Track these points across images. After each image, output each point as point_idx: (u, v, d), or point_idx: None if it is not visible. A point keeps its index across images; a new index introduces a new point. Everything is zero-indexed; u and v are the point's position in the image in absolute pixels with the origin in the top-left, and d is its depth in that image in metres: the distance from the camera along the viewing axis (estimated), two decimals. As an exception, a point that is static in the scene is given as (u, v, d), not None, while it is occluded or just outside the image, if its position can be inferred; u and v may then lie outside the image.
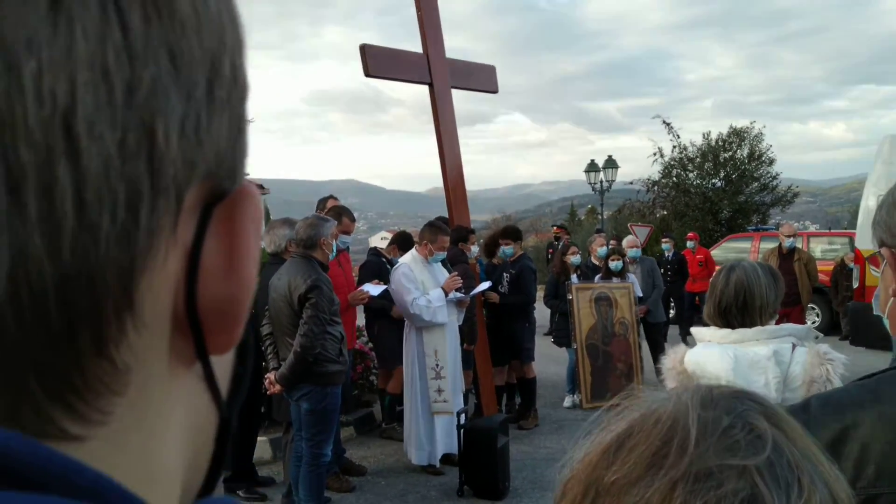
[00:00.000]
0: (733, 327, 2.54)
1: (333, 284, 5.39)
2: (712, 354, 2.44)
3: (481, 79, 8.18)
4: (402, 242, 7.64)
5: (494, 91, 8.31)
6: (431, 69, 7.50)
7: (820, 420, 1.20)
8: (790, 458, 0.57)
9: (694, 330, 2.70)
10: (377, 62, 7.07)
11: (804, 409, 1.25)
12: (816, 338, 2.57)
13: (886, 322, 1.32)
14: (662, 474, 0.57)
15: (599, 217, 25.18)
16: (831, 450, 1.16)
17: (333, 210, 6.35)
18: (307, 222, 4.84)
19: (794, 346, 2.50)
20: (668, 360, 2.60)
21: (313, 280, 4.58)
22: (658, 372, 2.73)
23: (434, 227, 6.35)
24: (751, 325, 2.53)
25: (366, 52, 7.00)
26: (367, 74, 7.09)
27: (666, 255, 12.10)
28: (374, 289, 6.28)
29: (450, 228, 6.99)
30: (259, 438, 6.58)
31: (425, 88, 7.51)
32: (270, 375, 4.87)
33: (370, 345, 8.09)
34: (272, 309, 4.83)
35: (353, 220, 6.40)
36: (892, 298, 1.24)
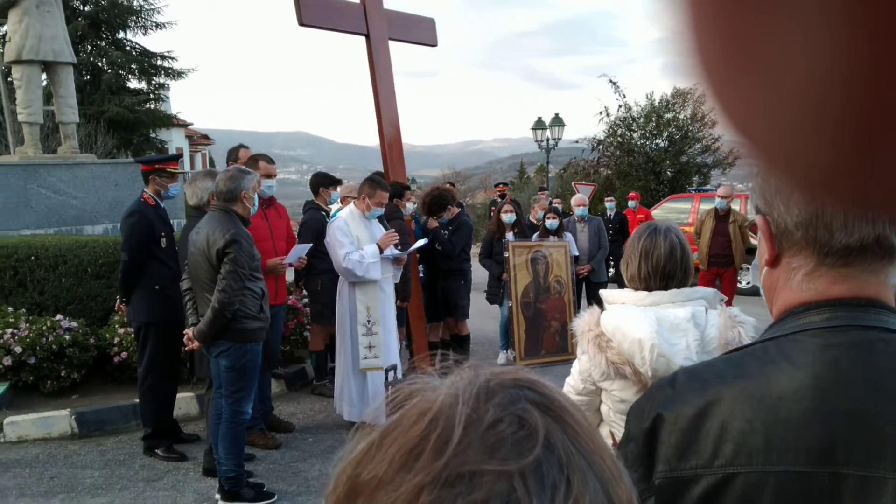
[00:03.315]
0: (650, 290, 2.50)
1: (257, 238, 5.26)
2: (633, 317, 2.39)
3: (420, 32, 8.00)
4: (327, 181, 7.56)
5: (434, 44, 8.14)
6: (368, 20, 7.30)
7: (683, 395, 1.15)
8: (562, 456, 0.51)
9: (605, 292, 2.64)
10: (311, 11, 6.85)
11: (671, 383, 1.20)
12: (721, 301, 2.56)
13: (763, 293, 1.28)
14: (411, 477, 0.50)
15: (546, 175, 25.23)
16: (693, 426, 1.12)
17: (250, 159, 6.16)
18: (227, 175, 4.68)
19: (706, 310, 2.50)
20: (583, 322, 2.55)
21: (232, 235, 4.44)
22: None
23: (373, 182, 6.24)
24: (679, 287, 2.49)
25: (300, 0, 6.78)
26: (301, 23, 6.88)
27: (608, 213, 12.14)
28: (302, 249, 6.25)
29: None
30: (186, 394, 6.49)
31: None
32: (189, 331, 4.75)
33: (304, 301, 8.02)
34: (191, 264, 4.69)
35: (271, 161, 6.22)
36: (766, 269, 1.19)
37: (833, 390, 1.05)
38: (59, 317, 6.64)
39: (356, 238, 6.01)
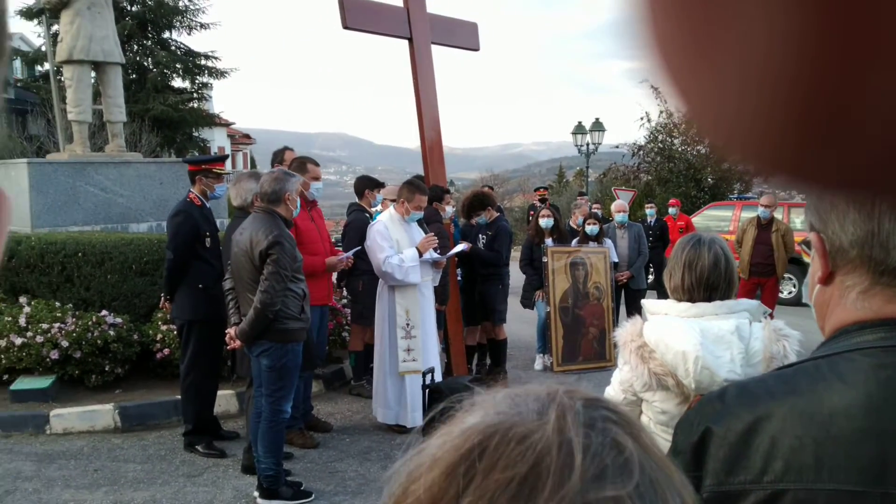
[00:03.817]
0: (694, 301, 2.48)
1: (306, 240, 5.33)
2: (677, 328, 2.37)
3: (463, 36, 8.02)
4: (371, 183, 7.62)
5: (476, 49, 8.16)
6: (411, 23, 7.34)
7: (733, 410, 1.15)
8: (651, 475, 0.52)
9: (647, 303, 2.63)
10: (355, 14, 6.91)
11: (720, 397, 1.20)
12: (765, 314, 2.54)
13: (814, 310, 1.27)
14: None
15: (586, 179, 25.08)
16: (742, 441, 1.12)
17: (296, 161, 6.27)
18: (272, 176, 4.75)
19: (749, 322, 2.47)
20: (625, 332, 2.53)
21: (275, 236, 4.50)
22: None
23: (412, 186, 6.28)
24: (722, 299, 2.47)
25: (344, 3, 6.83)
26: (345, 26, 6.94)
27: (649, 220, 12.02)
28: (351, 250, 6.37)
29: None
30: (226, 392, 6.58)
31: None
32: (231, 331, 4.82)
33: (343, 301, 8.09)
34: (234, 264, 4.76)
35: (317, 164, 6.34)
36: (818, 286, 1.19)
37: (886, 410, 1.04)
38: (104, 312, 6.78)
39: (396, 241, 6.06)
